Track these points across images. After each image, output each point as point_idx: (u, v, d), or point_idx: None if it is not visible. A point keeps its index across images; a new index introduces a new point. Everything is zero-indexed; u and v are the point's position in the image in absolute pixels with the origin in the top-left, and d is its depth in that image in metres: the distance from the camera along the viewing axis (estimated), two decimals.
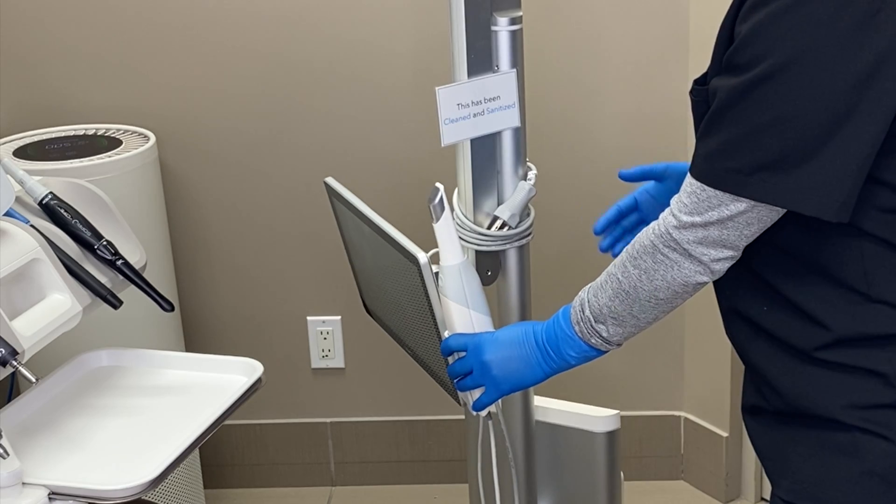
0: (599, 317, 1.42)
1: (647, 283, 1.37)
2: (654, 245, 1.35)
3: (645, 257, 1.36)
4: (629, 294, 1.39)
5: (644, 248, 1.37)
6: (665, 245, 1.35)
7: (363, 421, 2.93)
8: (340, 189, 1.60)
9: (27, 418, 1.63)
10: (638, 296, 1.39)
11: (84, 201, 1.68)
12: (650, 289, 1.37)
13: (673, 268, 1.35)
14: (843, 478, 1.40)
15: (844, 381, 1.39)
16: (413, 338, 1.57)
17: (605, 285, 1.41)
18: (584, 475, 1.63)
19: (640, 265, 1.37)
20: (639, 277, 1.37)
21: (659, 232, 1.35)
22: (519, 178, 1.54)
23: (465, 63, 1.43)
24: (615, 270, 1.40)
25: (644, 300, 1.39)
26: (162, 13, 2.63)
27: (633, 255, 1.38)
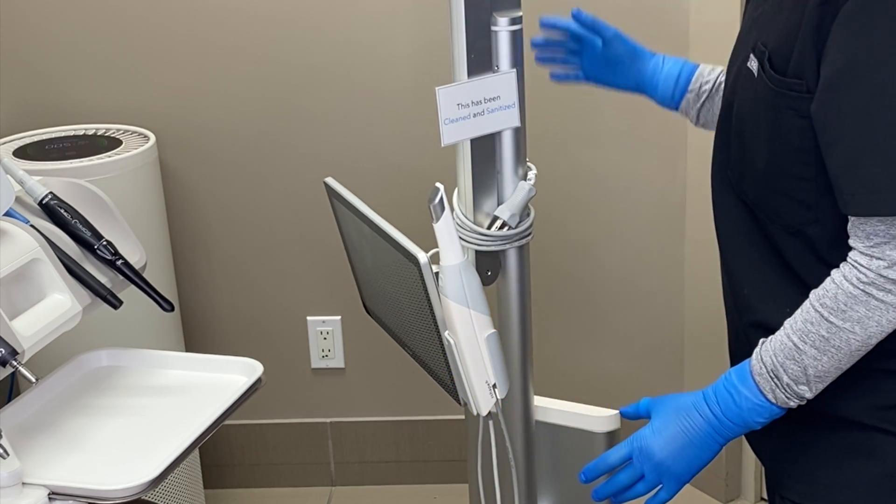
0: (802, 379, 1.35)
1: (860, 333, 1.31)
2: (867, 293, 1.29)
3: (857, 307, 1.30)
4: (839, 349, 1.32)
5: (852, 297, 1.30)
6: (880, 289, 1.29)
7: (363, 421, 2.93)
8: (340, 189, 1.60)
9: (27, 418, 1.63)
10: (850, 348, 1.32)
11: (84, 201, 1.68)
12: (864, 337, 1.31)
13: (890, 310, 1.29)
14: (862, 480, 1.40)
15: (866, 383, 1.38)
16: (413, 338, 1.57)
17: (804, 346, 1.33)
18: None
19: (852, 316, 1.30)
20: (851, 329, 1.31)
21: (869, 279, 1.29)
22: (519, 178, 1.54)
23: (465, 63, 1.42)
24: (815, 328, 1.32)
25: (856, 350, 1.32)
26: (162, 14, 2.63)
27: (840, 308, 1.31)
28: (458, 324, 1.42)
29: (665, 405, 1.43)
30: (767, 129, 1.38)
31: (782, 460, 1.49)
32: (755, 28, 1.43)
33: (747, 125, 1.43)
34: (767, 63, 1.36)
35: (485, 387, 1.45)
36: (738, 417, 1.38)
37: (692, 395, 1.41)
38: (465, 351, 1.43)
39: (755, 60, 1.39)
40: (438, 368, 1.52)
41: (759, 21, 1.43)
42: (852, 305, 1.30)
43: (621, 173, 2.76)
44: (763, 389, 1.36)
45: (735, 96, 1.46)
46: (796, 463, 1.46)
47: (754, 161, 1.42)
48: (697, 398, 1.40)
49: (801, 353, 1.33)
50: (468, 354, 1.43)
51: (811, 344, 1.33)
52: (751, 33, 1.44)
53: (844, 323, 1.31)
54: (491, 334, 1.44)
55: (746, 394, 1.37)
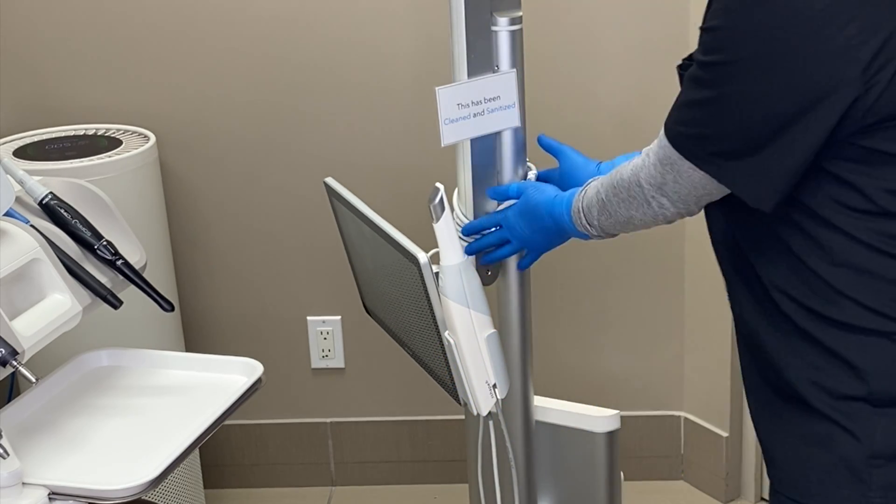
0: (589, 219, 1.53)
1: (623, 213, 1.48)
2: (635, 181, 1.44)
3: (623, 191, 1.46)
4: (609, 213, 1.50)
5: (627, 181, 1.45)
6: (637, 185, 1.43)
7: (363, 421, 2.93)
8: (340, 189, 1.60)
9: (27, 418, 1.63)
10: (615, 217, 1.49)
11: (84, 201, 1.68)
12: (623, 216, 1.48)
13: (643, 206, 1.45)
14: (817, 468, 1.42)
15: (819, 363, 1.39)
16: (413, 338, 1.57)
17: (594, 197, 1.51)
18: (584, 475, 1.63)
19: (620, 195, 1.46)
20: (618, 204, 1.47)
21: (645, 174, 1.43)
22: (519, 178, 1.54)
23: (465, 63, 1.43)
24: (601, 189, 1.50)
25: (622, 222, 1.50)
26: (162, 14, 2.63)
27: (614, 185, 1.47)
28: (458, 324, 1.42)
29: (528, 199, 1.61)
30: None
31: (764, 443, 1.51)
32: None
33: None
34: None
35: (485, 387, 1.45)
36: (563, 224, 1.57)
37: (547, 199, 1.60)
38: (465, 351, 1.43)
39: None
40: (438, 368, 1.52)
41: None
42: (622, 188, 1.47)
43: None
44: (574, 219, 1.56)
45: None
46: (772, 449, 1.49)
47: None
48: (547, 207, 1.59)
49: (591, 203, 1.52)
50: (468, 354, 1.43)
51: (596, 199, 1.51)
52: None
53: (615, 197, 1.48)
54: (491, 334, 1.44)
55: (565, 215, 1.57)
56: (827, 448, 1.41)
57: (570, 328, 2.84)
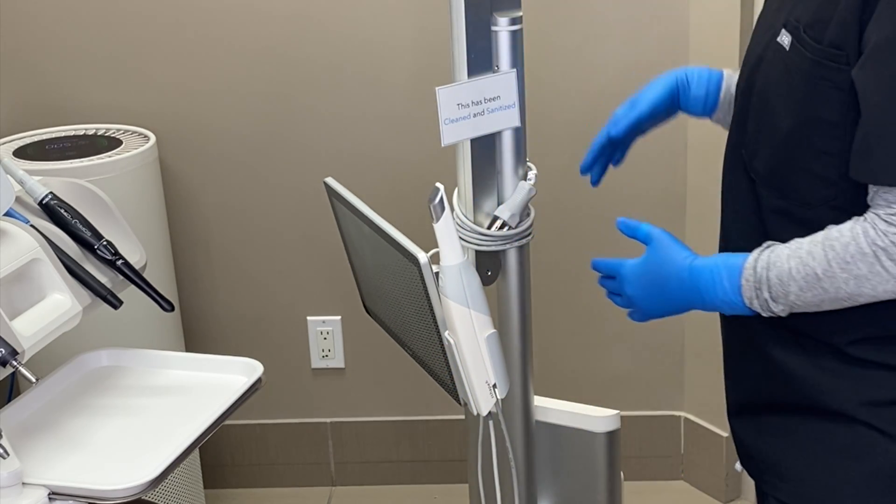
0: (781, 299, 1.38)
1: (853, 288, 1.33)
2: (876, 255, 1.31)
3: (861, 265, 1.31)
4: (826, 291, 1.34)
5: (861, 254, 1.31)
6: (889, 258, 1.30)
7: (363, 421, 2.93)
8: (340, 189, 1.60)
9: (27, 418, 1.63)
10: (837, 295, 1.34)
11: (84, 201, 1.68)
12: (854, 293, 1.33)
13: (890, 281, 1.31)
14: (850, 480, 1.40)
15: (860, 375, 1.38)
16: (413, 338, 1.57)
17: (796, 275, 1.35)
18: (584, 475, 1.63)
19: (852, 271, 1.32)
20: (846, 281, 1.32)
21: (883, 244, 1.30)
22: (519, 178, 1.54)
23: (465, 63, 1.42)
24: (814, 264, 1.34)
25: (842, 299, 1.35)
26: (162, 13, 2.63)
27: (844, 259, 1.32)
28: (458, 324, 1.42)
29: (658, 252, 1.50)
30: (798, 100, 1.38)
31: (769, 458, 1.49)
32: (784, 8, 1.43)
33: (771, 100, 1.42)
34: (804, 35, 1.36)
35: (485, 387, 1.45)
36: (711, 300, 1.44)
37: (682, 259, 1.47)
38: (465, 351, 1.43)
39: (788, 35, 1.39)
40: (438, 368, 1.52)
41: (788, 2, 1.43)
42: (858, 261, 1.31)
43: (621, 173, 2.75)
44: (743, 292, 1.40)
45: (757, 75, 1.46)
46: (784, 462, 1.47)
47: (775, 134, 1.42)
48: (684, 268, 1.46)
49: (792, 280, 1.36)
50: (468, 354, 1.43)
51: (803, 277, 1.35)
52: (780, 12, 1.43)
53: (843, 273, 1.32)
54: (491, 334, 1.44)
55: (727, 287, 1.42)
56: (862, 458, 1.39)
57: (570, 328, 2.84)
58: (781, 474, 1.47)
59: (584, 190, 2.75)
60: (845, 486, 1.41)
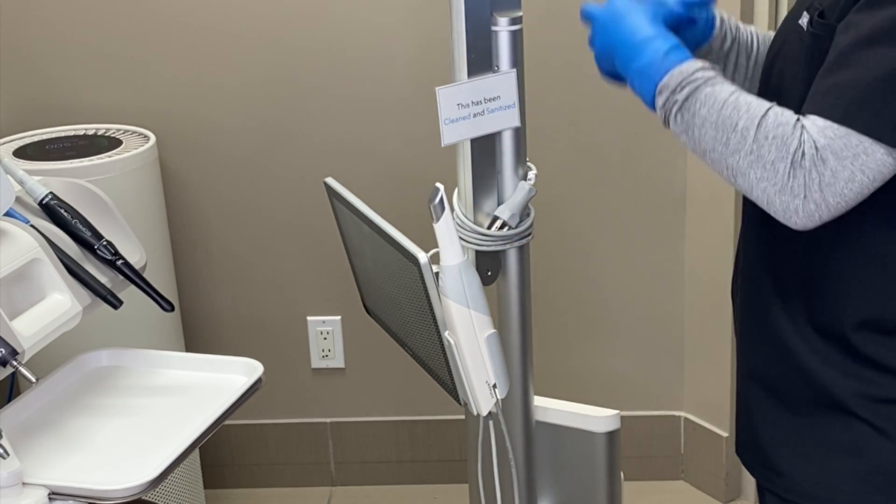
0: (687, 109, 1.34)
1: (745, 162, 1.28)
2: (791, 155, 1.25)
3: (772, 149, 1.26)
4: (727, 144, 1.30)
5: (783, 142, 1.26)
6: (794, 166, 1.25)
7: (363, 421, 2.93)
8: (340, 189, 1.60)
9: (27, 418, 1.63)
10: (727, 158, 1.30)
11: (84, 201, 1.68)
12: (740, 166, 1.29)
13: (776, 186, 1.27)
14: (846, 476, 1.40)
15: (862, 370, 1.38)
16: (413, 338, 1.57)
17: (722, 108, 1.31)
18: (584, 475, 1.63)
19: (762, 148, 1.27)
20: (749, 150, 1.28)
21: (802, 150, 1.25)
22: (519, 178, 1.54)
23: (465, 63, 1.42)
24: (743, 114, 1.29)
25: (729, 166, 1.30)
26: (162, 13, 2.63)
27: (767, 133, 1.27)
28: (458, 324, 1.42)
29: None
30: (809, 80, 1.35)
31: (766, 453, 1.49)
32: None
33: (786, 80, 1.42)
34: (819, 17, 1.35)
35: (485, 387, 1.45)
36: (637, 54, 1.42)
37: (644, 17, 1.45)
38: (465, 351, 1.43)
39: (807, 16, 1.38)
40: (439, 368, 1.52)
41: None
42: (772, 146, 1.27)
43: (621, 173, 2.76)
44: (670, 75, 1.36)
45: (778, 59, 1.46)
46: (780, 456, 1.47)
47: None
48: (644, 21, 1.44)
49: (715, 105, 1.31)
50: (468, 354, 1.43)
51: (727, 116, 1.30)
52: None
53: (754, 143, 1.27)
54: (491, 334, 1.44)
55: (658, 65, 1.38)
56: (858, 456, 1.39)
57: (570, 328, 2.84)
58: (777, 468, 1.47)
59: (584, 190, 2.75)
60: (840, 482, 1.41)
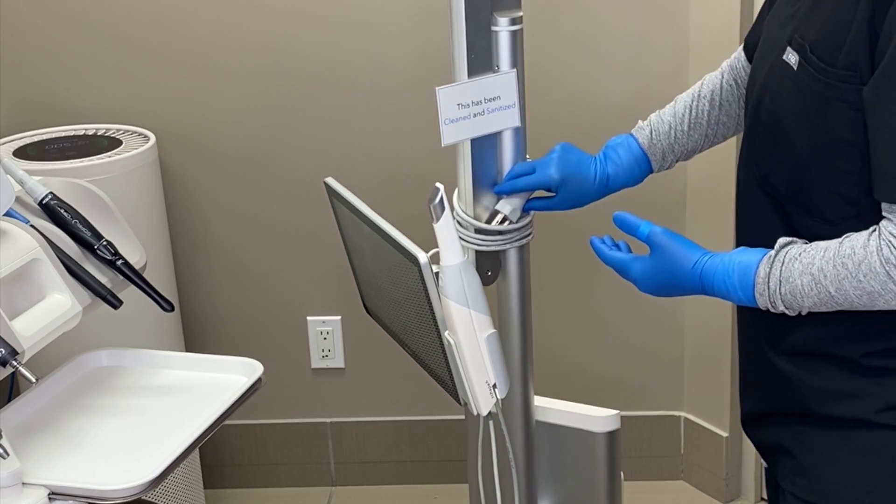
0: (793, 309, 1.39)
1: (866, 302, 1.34)
2: (889, 274, 1.31)
3: (873, 282, 1.32)
4: (839, 305, 1.36)
5: (873, 272, 1.31)
6: None
7: (363, 421, 2.93)
8: (340, 189, 1.60)
9: (27, 418, 1.63)
10: (852, 307, 1.35)
11: (84, 201, 1.68)
12: (867, 305, 1.34)
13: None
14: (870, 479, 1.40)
15: (878, 388, 1.38)
16: (413, 338, 1.57)
17: (809, 292, 1.36)
18: (584, 475, 1.63)
19: (865, 288, 1.32)
20: (858, 297, 1.33)
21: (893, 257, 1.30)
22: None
23: (465, 63, 1.42)
24: (826, 283, 1.34)
25: (857, 308, 1.36)
26: (162, 14, 2.63)
27: (857, 277, 1.32)
28: (458, 324, 1.42)
29: (665, 258, 1.47)
30: (813, 121, 1.37)
31: (787, 454, 1.49)
32: (791, 24, 1.42)
33: (783, 119, 1.42)
34: (811, 55, 1.36)
35: (485, 387, 1.45)
36: (713, 292, 1.43)
37: (692, 264, 1.45)
38: (465, 351, 1.43)
39: (795, 54, 1.38)
40: (439, 368, 1.52)
41: (796, 17, 1.42)
42: (870, 279, 1.31)
43: None
44: (758, 302, 1.40)
45: (766, 94, 1.45)
46: (802, 458, 1.46)
47: (793, 153, 1.41)
48: (695, 276, 1.44)
49: (805, 297, 1.36)
50: (468, 354, 1.43)
51: (816, 294, 1.35)
52: (785, 28, 1.43)
53: (855, 290, 1.33)
54: (491, 334, 1.44)
55: (742, 297, 1.41)
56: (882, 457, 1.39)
57: (570, 328, 2.84)
58: (799, 469, 1.47)
59: None
60: (864, 483, 1.41)
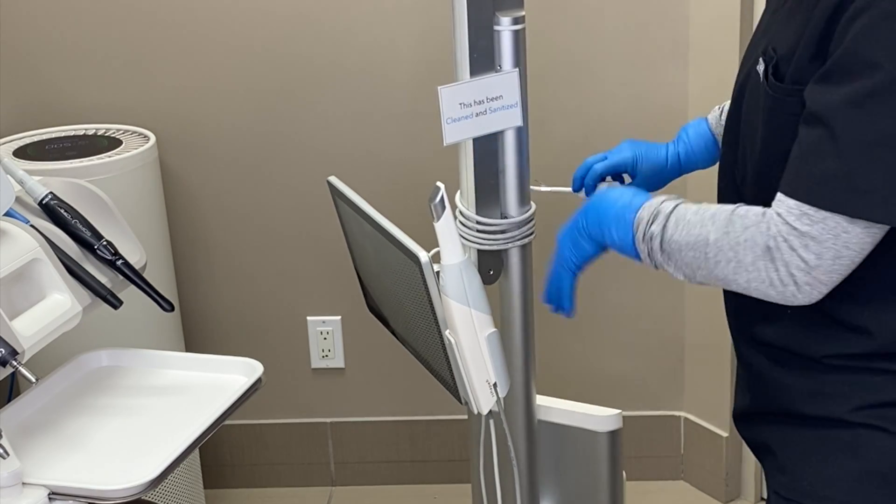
0: (668, 242, 1.39)
1: (730, 271, 1.33)
2: (766, 250, 1.30)
3: (748, 252, 1.31)
4: (707, 260, 1.35)
5: (754, 243, 1.31)
6: (773, 260, 1.30)
7: (363, 421, 2.93)
8: (343, 188, 1.60)
9: (27, 418, 1.63)
10: (713, 270, 1.35)
11: (84, 201, 1.68)
12: (728, 276, 1.34)
13: (767, 282, 1.31)
14: (845, 476, 1.40)
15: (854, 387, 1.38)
16: (415, 336, 1.57)
17: (692, 228, 1.36)
18: (586, 474, 1.63)
19: (739, 254, 1.32)
20: (728, 260, 1.32)
21: (776, 244, 1.29)
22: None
23: (467, 62, 1.42)
24: (711, 228, 1.34)
25: (717, 276, 1.35)
26: (162, 13, 2.63)
27: (738, 240, 1.32)
28: (458, 323, 1.42)
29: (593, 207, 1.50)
30: (769, 130, 1.38)
31: (770, 451, 1.49)
32: (769, 31, 1.43)
33: (751, 125, 1.43)
34: (772, 69, 1.36)
35: (485, 386, 1.45)
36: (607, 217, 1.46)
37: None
38: (466, 350, 1.43)
39: (763, 64, 1.39)
40: (440, 367, 1.52)
41: (773, 25, 1.42)
42: (748, 249, 1.31)
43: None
44: (640, 213, 1.42)
45: (742, 100, 1.46)
46: (781, 455, 1.47)
47: (755, 160, 1.42)
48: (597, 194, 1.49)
49: (686, 228, 1.36)
50: (468, 353, 1.43)
51: (696, 235, 1.35)
52: (765, 36, 1.44)
53: (730, 251, 1.32)
54: (491, 333, 1.44)
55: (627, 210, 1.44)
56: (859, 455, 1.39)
57: (570, 328, 2.83)
58: (779, 466, 1.48)
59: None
60: (839, 481, 1.41)
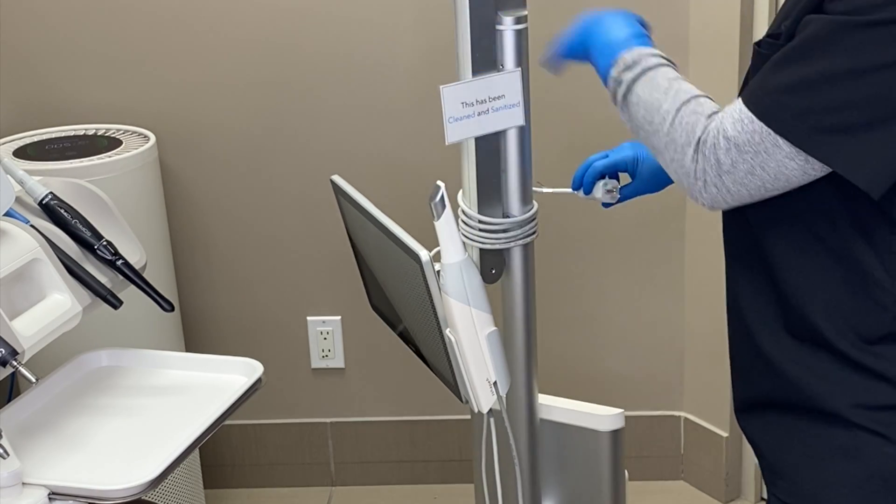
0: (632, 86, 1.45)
1: (661, 142, 1.38)
2: (698, 141, 1.32)
3: (683, 133, 1.34)
4: (651, 123, 1.39)
5: (692, 128, 1.34)
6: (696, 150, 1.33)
7: (363, 421, 2.93)
8: (346, 187, 1.60)
9: (27, 418, 1.63)
10: (650, 138, 1.40)
11: (84, 201, 1.68)
12: (658, 146, 1.39)
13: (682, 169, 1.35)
14: (845, 481, 1.40)
15: (856, 380, 1.38)
16: (417, 335, 1.57)
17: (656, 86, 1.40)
18: (588, 473, 1.63)
19: (676, 132, 1.35)
20: (666, 133, 1.37)
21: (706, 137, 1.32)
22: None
23: (469, 62, 1.42)
24: (669, 97, 1.38)
25: (651, 144, 1.41)
26: (162, 13, 2.63)
27: (682, 119, 1.35)
28: (458, 321, 1.42)
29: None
30: None
31: (770, 455, 1.49)
32: (778, 19, 1.44)
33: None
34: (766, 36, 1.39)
35: (485, 384, 1.45)
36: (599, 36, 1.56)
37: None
38: (466, 348, 1.43)
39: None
40: (441, 366, 1.52)
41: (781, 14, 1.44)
42: (685, 130, 1.34)
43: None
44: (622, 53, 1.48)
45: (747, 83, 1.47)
46: (782, 459, 1.47)
47: None
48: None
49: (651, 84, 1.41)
50: (469, 352, 1.43)
51: (656, 98, 1.39)
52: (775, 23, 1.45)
53: (671, 126, 1.36)
54: (492, 332, 1.44)
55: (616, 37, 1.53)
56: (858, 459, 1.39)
57: (571, 328, 2.84)
58: (779, 471, 1.48)
59: None
60: (840, 486, 1.41)
